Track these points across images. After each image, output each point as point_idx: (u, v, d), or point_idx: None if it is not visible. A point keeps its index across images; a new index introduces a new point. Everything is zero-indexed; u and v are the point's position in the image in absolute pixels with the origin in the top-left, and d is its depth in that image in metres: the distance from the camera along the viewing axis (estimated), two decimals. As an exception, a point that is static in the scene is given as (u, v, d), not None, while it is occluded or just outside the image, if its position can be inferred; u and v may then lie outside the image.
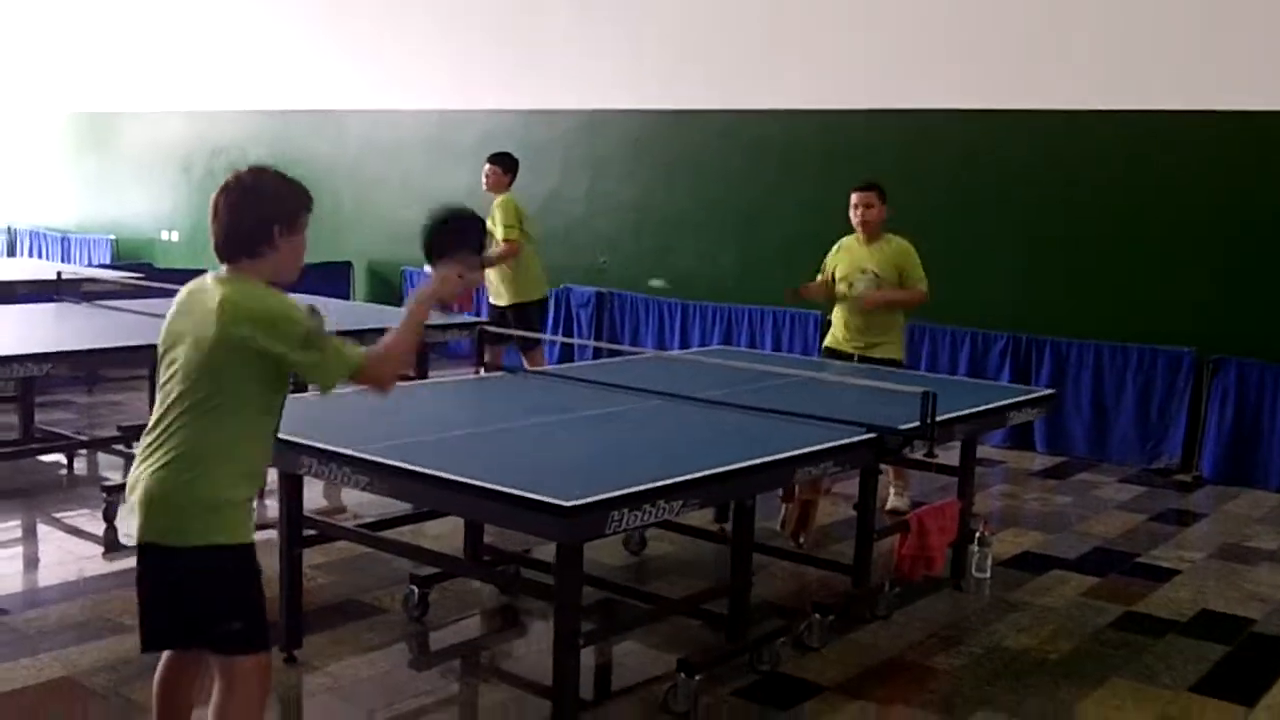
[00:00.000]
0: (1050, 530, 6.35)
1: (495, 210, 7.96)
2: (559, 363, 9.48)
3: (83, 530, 5.75)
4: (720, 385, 5.14)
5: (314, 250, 3.30)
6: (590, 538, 3.43)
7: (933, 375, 7.23)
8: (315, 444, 3.76)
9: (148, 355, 3.06)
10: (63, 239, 14.90)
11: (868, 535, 4.88)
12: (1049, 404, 5.70)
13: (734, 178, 9.63)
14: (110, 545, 5.51)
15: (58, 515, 5.99)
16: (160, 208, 14.14)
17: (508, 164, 8.19)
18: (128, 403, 8.53)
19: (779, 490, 5.51)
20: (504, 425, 4.41)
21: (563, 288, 10.36)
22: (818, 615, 4.58)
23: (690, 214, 9.89)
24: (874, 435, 4.29)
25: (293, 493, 4.25)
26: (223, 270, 2.97)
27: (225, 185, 2.97)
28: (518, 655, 4.53)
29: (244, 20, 13.07)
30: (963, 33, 8.47)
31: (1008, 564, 5.70)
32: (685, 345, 9.50)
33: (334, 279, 11.22)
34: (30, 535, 5.83)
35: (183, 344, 2.89)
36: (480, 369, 7.74)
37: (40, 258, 14.62)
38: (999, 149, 8.38)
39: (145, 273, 10.07)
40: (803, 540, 5.65)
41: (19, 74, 15.95)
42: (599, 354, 8.18)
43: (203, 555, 2.83)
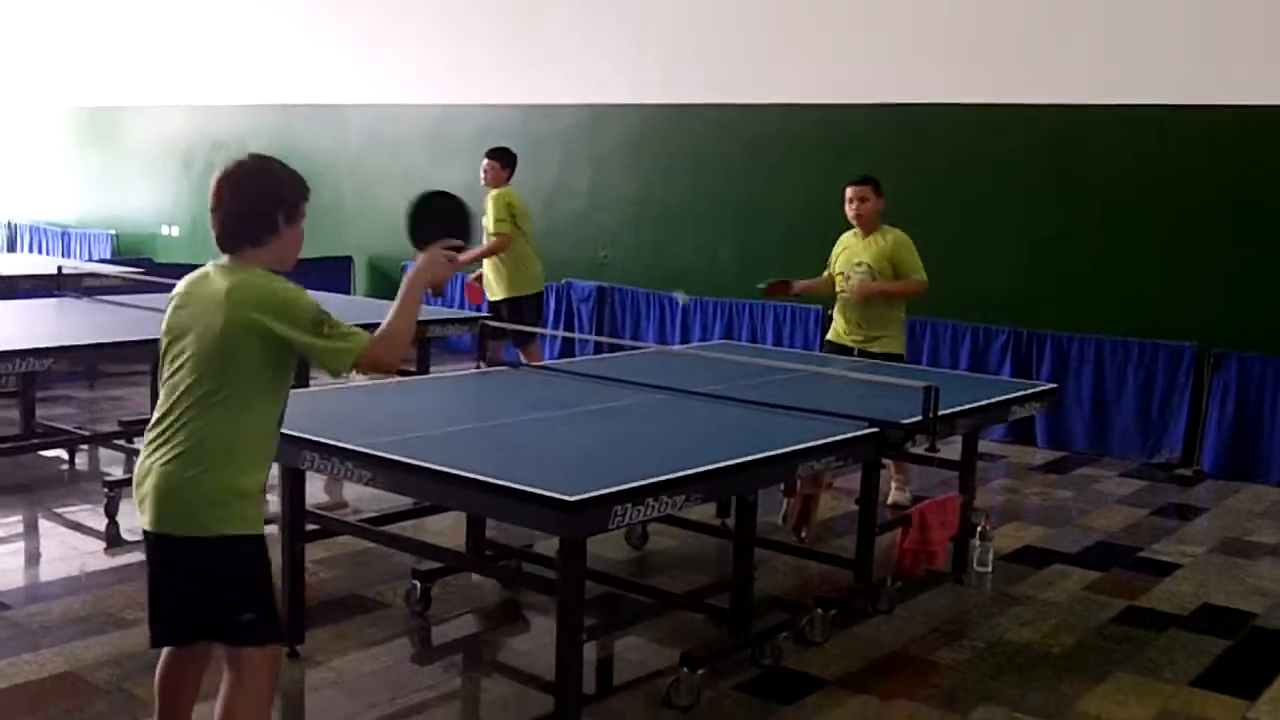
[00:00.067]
0: (1051, 525, 6.35)
1: (488, 204, 7.96)
2: (560, 357, 9.49)
3: (84, 525, 5.75)
4: (722, 380, 5.15)
5: (314, 245, 3.30)
6: (593, 532, 3.43)
7: (934, 369, 7.23)
8: (318, 439, 3.77)
9: (149, 350, 3.05)
10: (63, 234, 14.89)
11: (870, 529, 4.89)
12: (1051, 398, 5.69)
13: (734, 172, 9.63)
14: (112, 540, 5.52)
15: (59, 510, 5.99)
16: (161, 202, 14.13)
17: (506, 159, 8.18)
18: (129, 398, 8.54)
19: (780, 485, 5.51)
20: (506, 420, 4.41)
21: (564, 282, 10.36)
22: (820, 609, 4.59)
23: (690, 208, 9.89)
24: (876, 430, 4.29)
25: (295, 487, 4.25)
26: (223, 260, 2.96)
27: (227, 172, 2.94)
28: (520, 650, 4.53)
29: (245, 14, 13.07)
30: (962, 28, 8.47)
31: (1009, 558, 5.70)
32: (686, 340, 9.50)
33: (335, 274, 11.22)
34: (32, 530, 5.83)
35: (189, 336, 2.88)
36: (481, 364, 7.73)
37: (40, 253, 14.63)
38: (999, 143, 8.37)
39: (146, 268, 10.09)
40: (804, 534, 5.66)
41: (19, 69, 15.94)
42: (600, 349, 8.18)
43: (215, 546, 2.83)
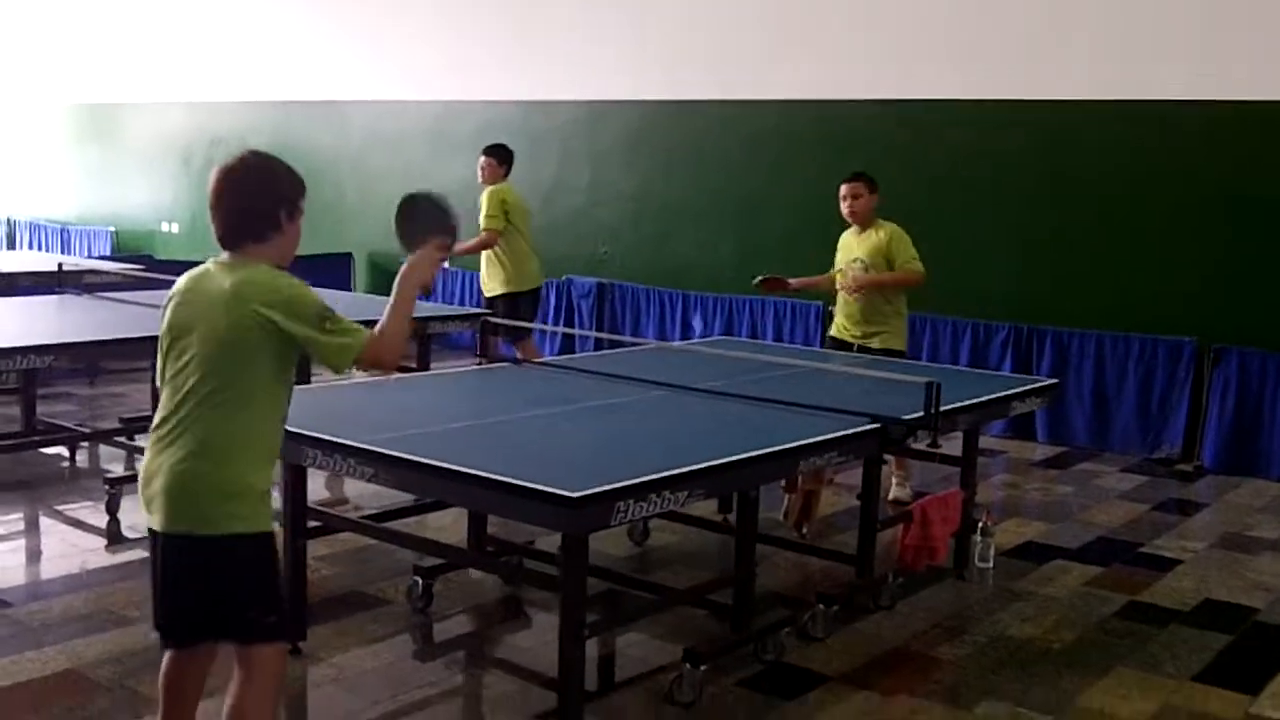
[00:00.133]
0: (1052, 520, 6.35)
1: (482, 200, 7.98)
2: (560, 354, 9.48)
3: (85, 522, 5.75)
4: (723, 376, 5.15)
5: (315, 241, 3.30)
6: (596, 528, 3.43)
7: (934, 365, 7.23)
8: (320, 435, 3.76)
9: (149, 347, 3.03)
10: (62, 231, 14.88)
11: (871, 525, 4.90)
12: (1052, 394, 5.69)
13: (733, 169, 9.62)
14: (113, 537, 5.51)
15: (60, 508, 5.99)
16: (160, 199, 14.12)
17: (502, 156, 8.19)
18: (129, 394, 8.53)
19: (781, 481, 5.51)
20: (507, 416, 4.40)
21: (564, 279, 10.36)
22: (822, 605, 4.59)
23: (690, 205, 9.88)
24: (878, 425, 4.29)
25: (297, 484, 4.25)
26: (224, 257, 2.95)
27: (228, 168, 2.93)
28: (522, 646, 4.53)
29: (245, 11, 13.05)
30: (961, 25, 8.46)
31: (1010, 554, 5.70)
32: (686, 336, 9.50)
33: (335, 270, 11.20)
34: (33, 528, 5.83)
35: (193, 334, 2.86)
36: (481, 360, 7.72)
37: (40, 250, 14.63)
38: (998, 140, 8.37)
39: (146, 264, 10.09)
40: (805, 530, 5.67)
41: (18, 66, 15.92)
42: (600, 345, 8.16)
43: (227, 544, 2.82)
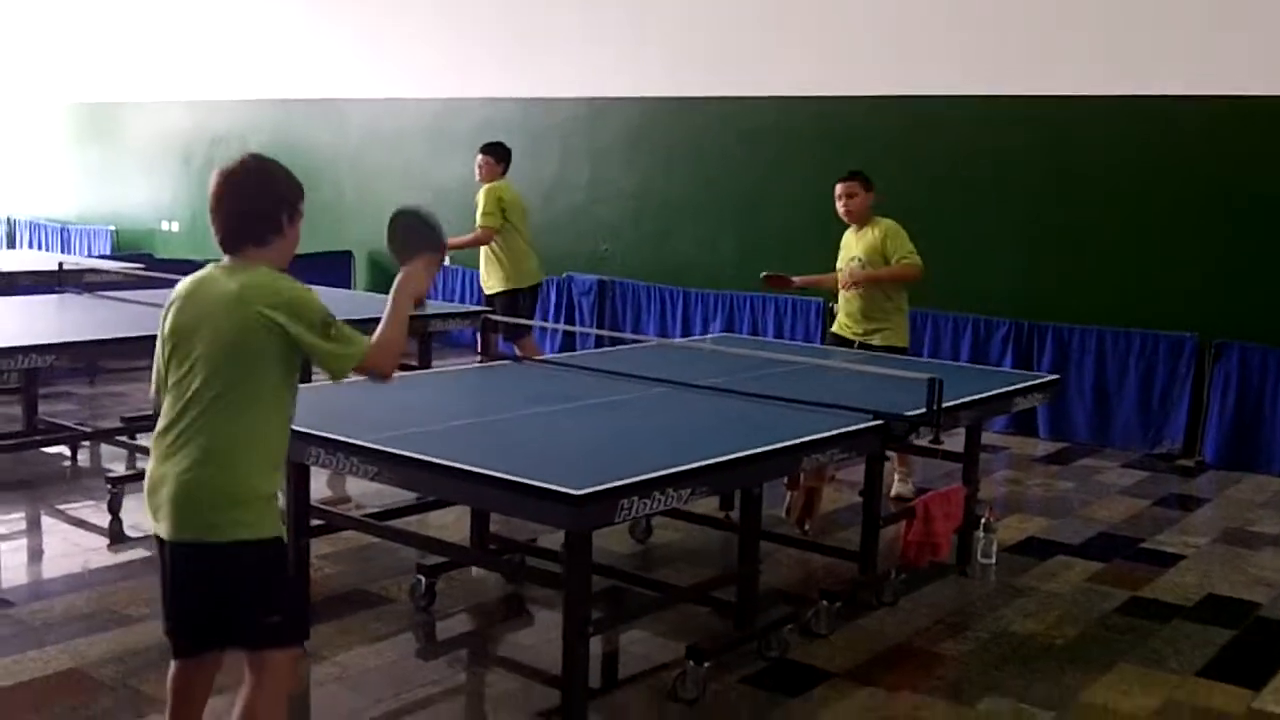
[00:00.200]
0: (1054, 516, 6.35)
1: (479, 198, 7.99)
2: (561, 351, 9.47)
3: (87, 522, 5.74)
4: (724, 373, 5.15)
5: (314, 240, 3.30)
6: (599, 526, 3.43)
7: (936, 361, 7.23)
8: (323, 434, 3.76)
9: (150, 346, 3.02)
10: (62, 230, 14.87)
11: (874, 522, 4.89)
12: (1053, 389, 5.70)
13: (733, 165, 9.61)
14: (115, 536, 5.52)
15: (61, 507, 5.99)
16: (160, 198, 14.11)
17: (499, 154, 8.20)
18: (130, 394, 8.53)
19: (783, 478, 5.51)
20: (509, 414, 4.40)
21: (565, 276, 10.36)
22: (825, 602, 4.59)
23: (690, 202, 9.87)
24: (880, 422, 4.29)
25: (300, 482, 4.25)
26: (225, 261, 2.93)
27: (229, 172, 2.91)
28: (525, 644, 4.53)
29: (244, 9, 13.03)
30: (963, 19, 8.45)
31: (1012, 550, 5.70)
32: (687, 333, 9.49)
33: (335, 269, 11.20)
34: (34, 527, 5.83)
35: (196, 339, 2.83)
36: (483, 358, 7.72)
37: (40, 249, 14.61)
38: (999, 135, 8.36)
39: (146, 263, 10.09)
40: (808, 527, 5.66)
41: (18, 65, 15.90)
42: (601, 342, 8.16)
43: (235, 551, 2.79)
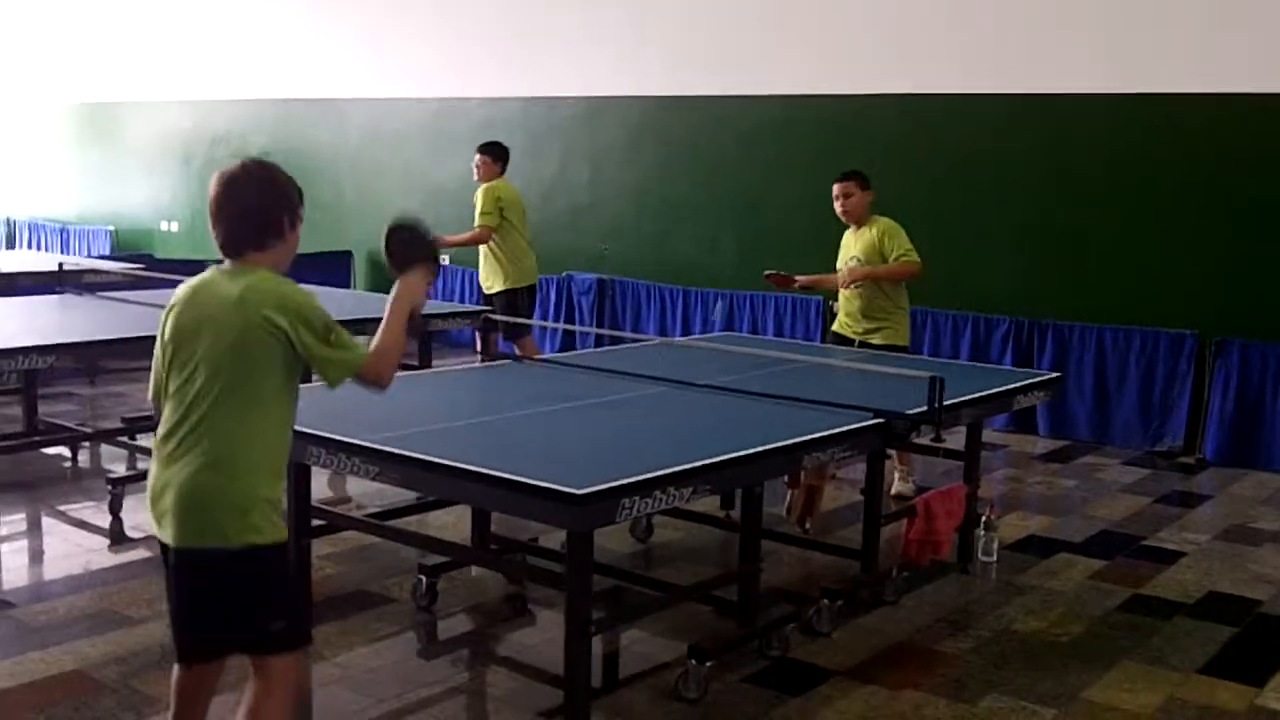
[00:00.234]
0: (1055, 514, 6.35)
1: (477, 197, 8.00)
2: (561, 350, 9.48)
3: (88, 522, 5.74)
4: (725, 371, 5.14)
5: (314, 240, 3.29)
6: (601, 525, 3.43)
7: (936, 359, 7.22)
8: (324, 434, 3.76)
9: (150, 346, 3.01)
10: (61, 230, 14.86)
11: (875, 520, 4.89)
12: (1053, 387, 5.69)
13: (733, 164, 9.61)
14: (116, 537, 5.52)
15: (62, 508, 5.99)
16: (160, 198, 14.10)
17: (497, 153, 8.20)
18: (130, 394, 8.53)
19: (784, 476, 5.51)
20: (509, 414, 4.40)
21: (564, 275, 10.36)
22: (826, 600, 4.59)
23: (690, 201, 9.87)
24: (882, 420, 4.29)
25: (301, 483, 4.25)
26: (227, 264, 2.92)
27: (230, 176, 2.90)
28: (527, 644, 4.52)
29: (243, 9, 13.02)
30: (963, 19, 8.44)
31: (1014, 548, 5.70)
32: (687, 332, 9.49)
33: (335, 268, 11.19)
34: (35, 528, 5.83)
35: (198, 342, 2.82)
36: (483, 357, 7.74)
37: (40, 249, 14.61)
38: (999, 134, 8.36)
39: (145, 263, 10.08)
40: (808, 525, 5.66)
41: (18, 65, 15.89)
42: (601, 341, 8.16)
43: (244, 556, 2.78)
